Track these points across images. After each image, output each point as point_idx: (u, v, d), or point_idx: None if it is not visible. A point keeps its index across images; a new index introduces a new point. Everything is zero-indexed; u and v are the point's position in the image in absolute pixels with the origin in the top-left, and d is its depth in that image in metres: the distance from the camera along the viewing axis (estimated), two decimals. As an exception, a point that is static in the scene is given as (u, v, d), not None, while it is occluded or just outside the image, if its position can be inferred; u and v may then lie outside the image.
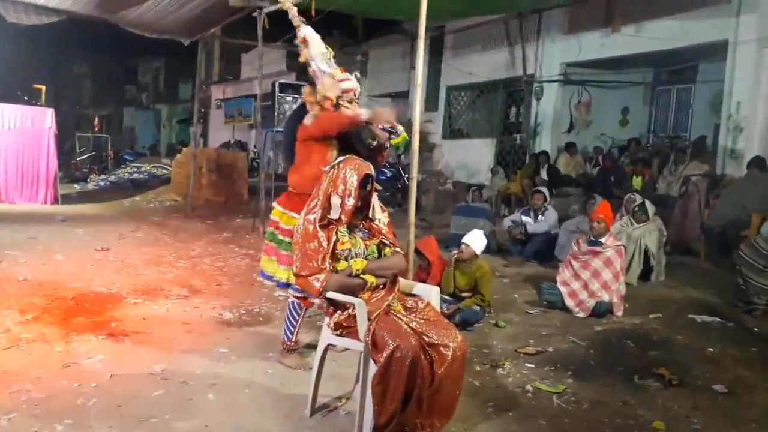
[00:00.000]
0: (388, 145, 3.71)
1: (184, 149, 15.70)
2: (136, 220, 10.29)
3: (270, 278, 3.80)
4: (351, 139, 3.66)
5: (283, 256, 3.71)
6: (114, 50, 28.22)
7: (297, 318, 3.85)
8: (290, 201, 3.75)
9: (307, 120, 3.80)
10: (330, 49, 4.01)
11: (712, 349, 4.58)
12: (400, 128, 3.67)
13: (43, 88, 32.76)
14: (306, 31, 4.00)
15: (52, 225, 9.27)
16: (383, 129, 3.64)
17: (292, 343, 3.90)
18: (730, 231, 7.06)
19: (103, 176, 17.67)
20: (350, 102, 3.75)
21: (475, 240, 5.20)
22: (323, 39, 4.05)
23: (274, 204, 3.88)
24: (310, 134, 3.73)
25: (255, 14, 8.88)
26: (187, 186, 12.63)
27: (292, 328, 3.87)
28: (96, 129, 33.62)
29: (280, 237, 3.74)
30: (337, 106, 3.76)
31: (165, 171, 17.15)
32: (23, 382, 3.37)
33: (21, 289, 5.35)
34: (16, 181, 11.73)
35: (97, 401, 3.21)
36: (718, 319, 5.28)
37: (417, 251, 5.20)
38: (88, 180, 17.23)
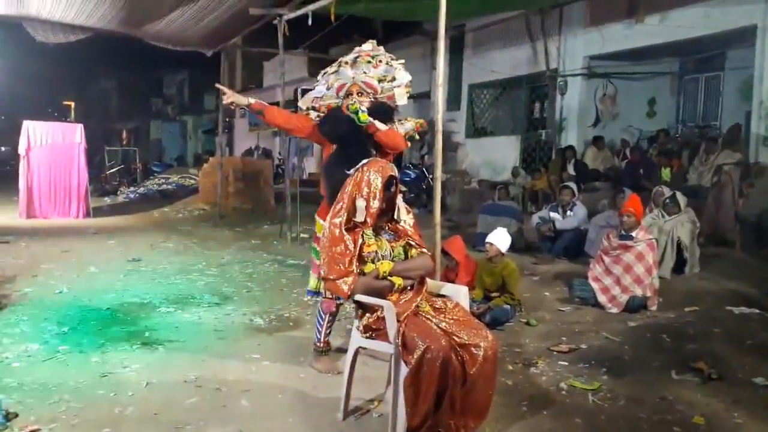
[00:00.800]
0: (373, 129, 3.62)
1: (211, 159, 15.88)
2: (166, 230, 10.43)
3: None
4: (346, 136, 3.65)
5: (315, 264, 3.82)
6: (139, 64, 28.78)
7: (323, 319, 3.89)
8: (320, 207, 3.88)
9: None
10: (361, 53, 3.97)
11: (751, 341, 4.47)
12: (349, 101, 3.69)
13: (72, 104, 33.58)
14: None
15: (84, 238, 9.44)
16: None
17: (321, 344, 3.94)
18: (766, 220, 6.88)
19: (132, 188, 17.93)
20: (350, 94, 3.76)
21: (499, 238, 5.16)
22: (343, 43, 4.05)
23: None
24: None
25: (275, 22, 8.95)
26: (214, 195, 12.80)
27: (320, 328, 3.92)
28: (124, 142, 34.29)
29: (313, 244, 3.90)
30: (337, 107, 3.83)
31: (192, 181, 17.39)
32: (62, 393, 3.44)
33: (57, 302, 5.46)
34: (49, 196, 11.98)
35: (133, 409, 3.27)
36: (757, 311, 5.14)
37: (444, 252, 5.17)
38: (118, 192, 17.49)
